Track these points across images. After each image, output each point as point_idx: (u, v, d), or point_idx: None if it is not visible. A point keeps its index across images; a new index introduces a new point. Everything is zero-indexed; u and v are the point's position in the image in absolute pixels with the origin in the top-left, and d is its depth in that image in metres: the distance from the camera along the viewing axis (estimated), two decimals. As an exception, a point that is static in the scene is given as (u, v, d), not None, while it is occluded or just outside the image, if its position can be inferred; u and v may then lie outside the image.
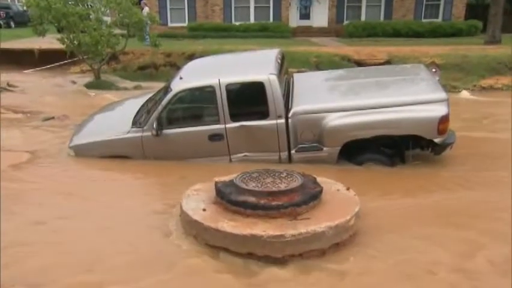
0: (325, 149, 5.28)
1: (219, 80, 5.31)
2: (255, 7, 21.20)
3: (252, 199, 3.61)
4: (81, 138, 5.94)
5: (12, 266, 3.41)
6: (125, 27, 12.49)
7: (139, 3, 14.65)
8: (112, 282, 3.23)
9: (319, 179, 3.95)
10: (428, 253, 3.50)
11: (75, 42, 11.67)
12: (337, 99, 5.70)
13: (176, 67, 11.06)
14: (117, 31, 12.56)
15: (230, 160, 5.45)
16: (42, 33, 11.85)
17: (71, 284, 3.22)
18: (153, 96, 6.39)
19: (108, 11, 12.97)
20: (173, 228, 3.87)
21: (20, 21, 24.38)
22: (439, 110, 5.07)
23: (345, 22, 20.72)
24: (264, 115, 5.27)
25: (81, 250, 3.63)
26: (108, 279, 3.26)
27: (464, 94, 10.54)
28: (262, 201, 3.58)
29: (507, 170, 5.10)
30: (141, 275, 3.29)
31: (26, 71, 13.69)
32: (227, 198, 3.68)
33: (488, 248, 3.55)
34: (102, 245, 3.74)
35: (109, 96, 10.19)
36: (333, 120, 5.19)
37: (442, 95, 5.22)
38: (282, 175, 3.95)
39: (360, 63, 12.10)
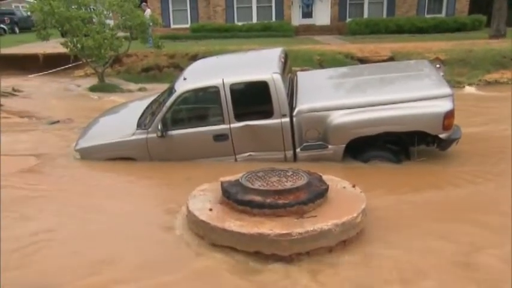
0: (330, 146, 5.27)
1: (222, 80, 5.32)
2: (257, 7, 21.18)
3: (258, 198, 3.61)
4: (87, 141, 5.97)
5: (19, 269, 3.44)
6: (128, 30, 12.54)
7: (141, 6, 14.68)
8: (119, 283, 3.24)
9: (325, 177, 3.95)
10: (436, 249, 3.49)
11: (78, 45, 11.73)
12: (341, 96, 5.68)
13: (180, 68, 11.09)
14: (120, 34, 12.61)
15: (235, 160, 5.45)
16: (45, 38, 11.92)
17: (78, 286, 3.24)
18: (157, 97, 6.41)
19: (110, 14, 13.00)
20: (180, 229, 3.89)
21: (24, 26, 24.54)
22: (444, 106, 5.04)
23: (348, 20, 20.64)
24: (269, 114, 5.27)
25: (89, 252, 3.65)
26: (115, 280, 3.27)
27: (469, 89, 10.48)
28: (268, 200, 3.58)
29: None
30: (149, 276, 3.30)
31: (30, 76, 13.78)
32: (233, 198, 3.69)
33: (497, 243, 3.53)
34: (109, 246, 3.75)
35: (113, 98, 10.23)
36: (338, 118, 5.18)
37: (447, 90, 5.19)
38: (287, 174, 3.95)
39: (363, 61, 12.06)
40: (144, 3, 16.38)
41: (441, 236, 3.67)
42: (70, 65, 13.60)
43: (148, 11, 15.59)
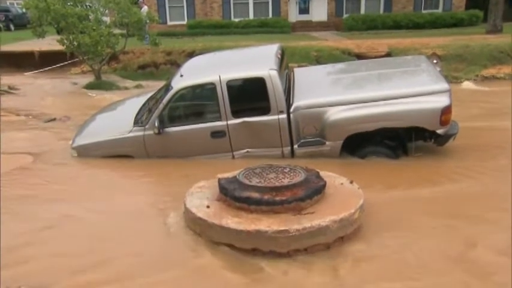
0: (327, 143, 5.26)
1: (219, 76, 5.30)
2: (254, 3, 21.16)
3: (255, 195, 3.60)
4: (84, 139, 5.94)
5: (17, 266, 3.42)
6: (124, 27, 12.47)
7: (137, 3, 14.62)
8: (117, 281, 3.23)
9: (322, 173, 3.95)
10: (433, 244, 3.49)
11: (74, 43, 11.66)
12: (338, 92, 5.66)
13: (176, 65, 11.05)
14: (116, 31, 12.54)
15: (233, 156, 5.44)
16: (41, 35, 11.85)
17: (77, 284, 3.23)
18: (154, 94, 6.39)
19: (107, 11, 12.92)
20: (177, 226, 3.87)
21: (20, 23, 24.42)
22: (441, 101, 5.04)
23: (345, 15, 20.65)
24: (266, 111, 5.26)
25: (86, 250, 3.64)
26: (112, 279, 3.26)
27: (466, 84, 10.48)
28: (266, 197, 3.57)
29: (510, 159, 5.09)
30: (146, 273, 3.30)
31: (26, 73, 13.70)
32: (231, 195, 3.68)
33: (494, 238, 3.54)
34: (106, 244, 3.74)
35: (110, 96, 10.18)
36: (335, 114, 5.17)
37: (444, 85, 5.18)
38: (285, 170, 3.94)
39: (360, 57, 12.04)
40: (140, 0, 16.31)
41: (438, 231, 3.68)
42: (66, 63, 13.55)
43: (145, 8, 15.51)
